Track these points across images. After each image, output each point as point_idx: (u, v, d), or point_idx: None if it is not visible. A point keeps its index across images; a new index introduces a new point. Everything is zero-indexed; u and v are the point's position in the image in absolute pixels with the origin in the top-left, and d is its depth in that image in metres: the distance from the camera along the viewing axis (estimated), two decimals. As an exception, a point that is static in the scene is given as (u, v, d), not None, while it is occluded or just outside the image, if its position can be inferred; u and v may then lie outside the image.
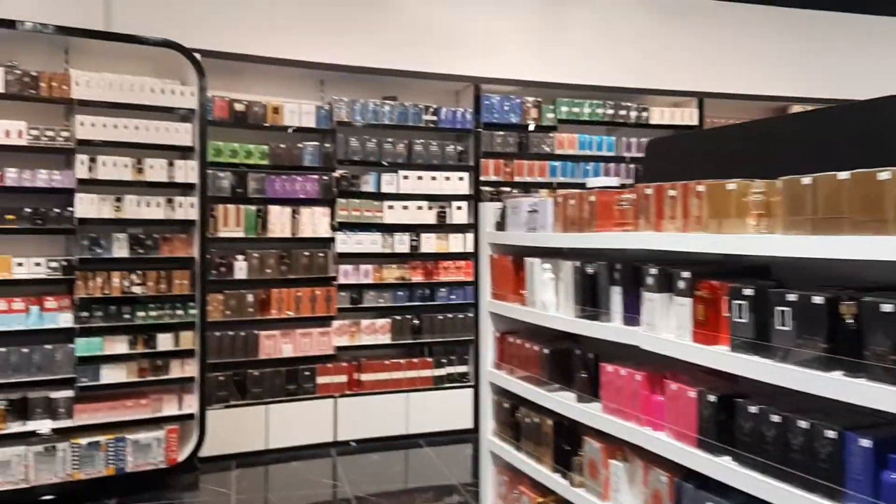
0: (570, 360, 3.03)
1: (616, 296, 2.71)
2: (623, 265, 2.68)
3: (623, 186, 3.03)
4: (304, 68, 5.97)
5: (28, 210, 4.94)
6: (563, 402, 2.98)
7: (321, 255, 6.00)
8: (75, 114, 5.04)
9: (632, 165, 6.87)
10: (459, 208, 6.43)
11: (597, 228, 2.81)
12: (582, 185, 6.14)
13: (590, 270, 2.85)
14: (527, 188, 6.56)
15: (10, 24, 4.82)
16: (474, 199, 6.42)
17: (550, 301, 3.10)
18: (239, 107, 5.75)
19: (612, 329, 2.71)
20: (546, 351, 3.15)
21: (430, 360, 6.30)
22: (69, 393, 4.98)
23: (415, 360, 6.26)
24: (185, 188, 5.38)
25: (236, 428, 5.62)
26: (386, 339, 6.20)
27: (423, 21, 6.38)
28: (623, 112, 6.93)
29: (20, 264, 4.93)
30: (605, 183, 3.48)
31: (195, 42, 5.34)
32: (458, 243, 6.42)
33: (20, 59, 5.00)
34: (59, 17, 5.02)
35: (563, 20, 6.89)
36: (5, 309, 4.87)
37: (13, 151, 4.89)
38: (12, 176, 4.89)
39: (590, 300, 2.86)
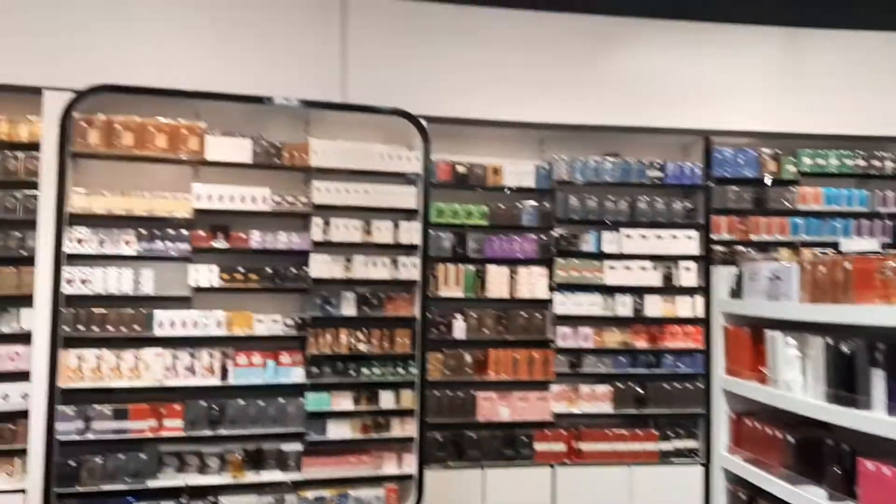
0: (820, 452, 2.62)
1: (878, 380, 2.31)
2: (887, 344, 2.28)
3: (886, 248, 2.61)
4: (525, 129, 5.96)
5: (269, 270, 5.30)
6: (812, 499, 2.57)
7: (539, 316, 5.87)
8: (312, 180, 5.38)
9: (889, 223, 6.09)
10: (688, 269, 6.03)
11: (854, 300, 2.42)
12: (830, 245, 5.56)
13: (845, 349, 2.46)
14: (765, 247, 6.02)
15: (259, 100, 5.26)
16: (704, 259, 6.00)
17: (796, 381, 2.72)
18: (461, 169, 5.84)
19: (872, 420, 2.30)
20: (791, 439, 2.76)
21: (655, 432, 5.89)
22: (299, 446, 5.21)
23: (639, 431, 5.88)
24: (409, 249, 5.53)
25: (453, 490, 5.56)
26: (607, 407, 5.89)
27: (647, 74, 6.15)
28: (877, 163, 6.20)
29: (260, 321, 5.28)
30: (863, 246, 3.05)
31: (421, 108, 5.52)
32: (687, 307, 6.01)
33: (266, 132, 5.44)
34: (301, 91, 5.40)
35: (803, 64, 6.33)
36: (246, 363, 5.22)
37: (258, 216, 5.30)
38: (257, 239, 5.29)
39: (844, 383, 2.46)
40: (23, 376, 4.85)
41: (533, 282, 5.87)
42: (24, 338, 4.88)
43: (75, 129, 4.96)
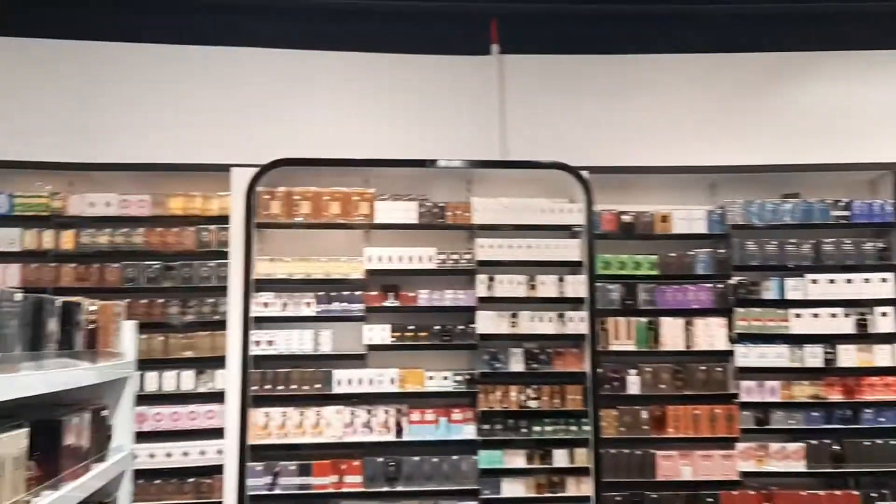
0: None
1: None
2: None
3: None
4: (693, 173, 5.76)
5: (437, 327, 5.41)
6: None
7: (719, 369, 5.55)
8: (476, 237, 5.47)
9: None
10: (885, 315, 5.51)
11: None
12: None
13: None
14: (976, 288, 5.41)
15: (424, 163, 5.46)
16: (904, 303, 5.47)
17: None
18: (626, 218, 5.71)
19: None
20: None
21: (856, 493, 5.36)
22: (473, 504, 5.21)
23: (837, 492, 5.37)
24: (575, 302, 5.45)
25: (634, 554, 5.32)
26: (800, 465, 5.43)
27: (823, 108, 5.78)
28: None
29: (431, 377, 5.37)
30: None
31: (581, 160, 5.50)
32: (886, 356, 5.48)
33: (430, 193, 5.63)
34: (463, 152, 5.56)
35: None
36: (419, 420, 5.31)
37: (425, 275, 5.45)
38: (424, 296, 5.42)
39: None
40: (218, 433, 5.21)
41: (711, 333, 5.59)
42: (219, 397, 5.25)
43: (259, 202, 5.36)
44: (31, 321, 2.13)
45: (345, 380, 5.32)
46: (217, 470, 5.17)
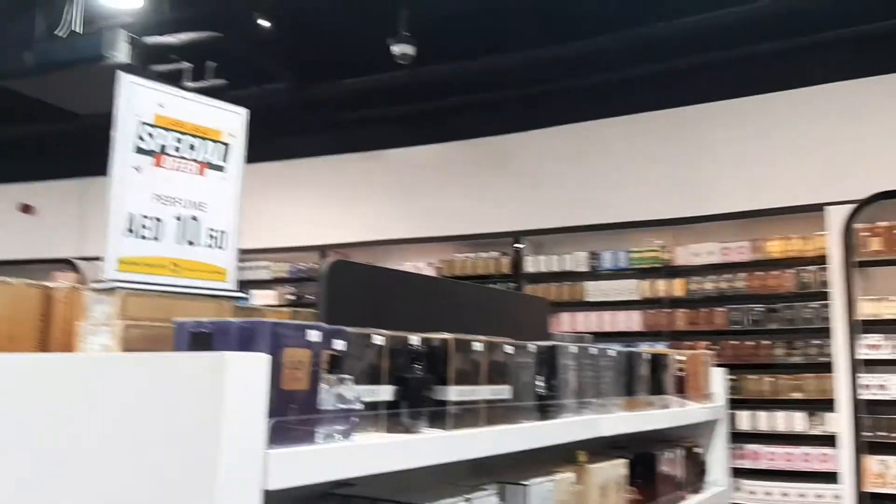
0: None
1: None
2: None
3: None
4: None
5: None
6: None
7: None
8: None
9: None
10: None
11: None
12: None
13: None
14: None
15: None
16: None
17: None
18: None
19: None
20: None
21: None
22: None
23: None
24: None
25: None
26: None
27: None
28: None
29: None
30: None
31: None
32: None
33: None
34: None
35: None
36: None
37: None
38: None
39: None
40: (832, 477, 5.10)
41: None
42: (831, 440, 5.15)
43: (857, 239, 5.14)
44: (624, 370, 2.62)
45: (978, 432, 4.67)
46: (835, 515, 5.06)
